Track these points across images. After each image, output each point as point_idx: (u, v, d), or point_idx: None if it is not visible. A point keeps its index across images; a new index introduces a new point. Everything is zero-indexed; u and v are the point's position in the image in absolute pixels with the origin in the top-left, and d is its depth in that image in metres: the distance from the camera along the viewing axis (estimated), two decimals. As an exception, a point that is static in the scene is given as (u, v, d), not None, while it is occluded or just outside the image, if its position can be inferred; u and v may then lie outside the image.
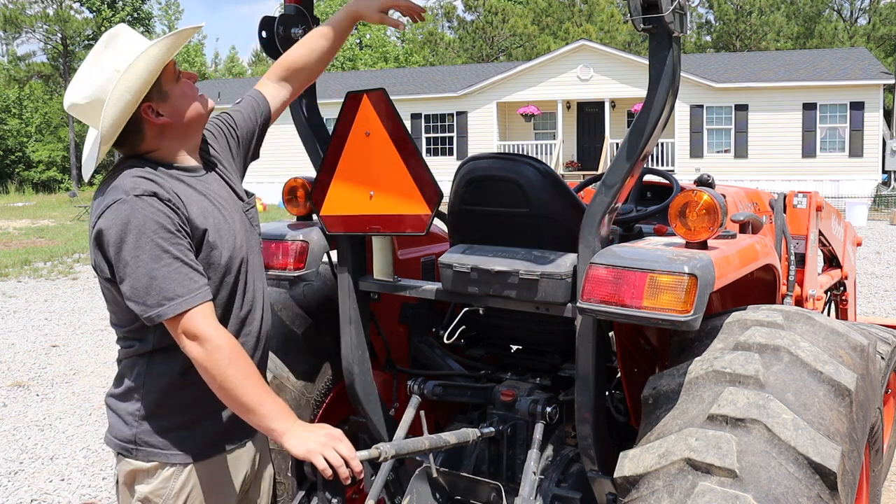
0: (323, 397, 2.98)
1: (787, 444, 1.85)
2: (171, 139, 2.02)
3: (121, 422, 2.06)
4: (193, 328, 1.86)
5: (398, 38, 56.29)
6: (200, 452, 2.06)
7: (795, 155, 26.18)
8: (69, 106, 1.96)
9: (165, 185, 1.94)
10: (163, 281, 1.85)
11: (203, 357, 1.87)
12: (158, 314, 1.86)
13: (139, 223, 1.86)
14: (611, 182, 2.19)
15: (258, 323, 2.18)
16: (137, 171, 1.95)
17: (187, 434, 2.05)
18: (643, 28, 2.03)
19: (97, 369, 7.29)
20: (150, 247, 1.85)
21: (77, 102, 1.94)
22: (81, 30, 46.27)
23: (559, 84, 28.03)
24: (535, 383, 2.74)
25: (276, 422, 1.89)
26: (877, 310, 9.29)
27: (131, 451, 2.04)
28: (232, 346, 1.89)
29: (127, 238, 1.86)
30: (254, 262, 2.17)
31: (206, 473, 2.08)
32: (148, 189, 1.89)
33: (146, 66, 1.90)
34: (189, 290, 1.87)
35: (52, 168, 47.70)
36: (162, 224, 1.87)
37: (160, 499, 2.05)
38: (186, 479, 2.05)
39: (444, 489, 2.61)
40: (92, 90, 1.92)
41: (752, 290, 2.68)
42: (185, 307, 1.86)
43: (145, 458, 2.04)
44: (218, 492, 2.11)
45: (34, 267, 13.94)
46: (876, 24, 45.37)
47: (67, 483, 4.74)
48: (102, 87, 1.90)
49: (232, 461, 2.15)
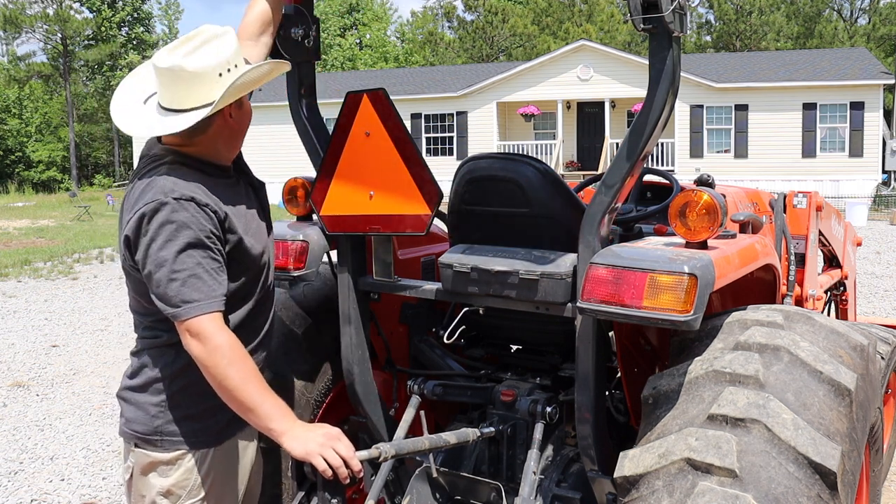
0: (323, 397, 2.98)
1: (787, 444, 1.85)
2: (225, 141, 2.14)
3: (141, 413, 2.10)
4: (197, 327, 1.91)
5: (398, 38, 56.37)
6: (217, 437, 2.12)
7: (795, 155, 26.19)
8: (170, 66, 1.98)
9: (204, 187, 2.03)
10: (182, 284, 1.92)
11: (204, 356, 1.91)
12: (174, 314, 1.93)
13: (173, 226, 1.93)
14: (611, 182, 2.19)
15: (271, 317, 2.33)
16: (178, 172, 2.02)
17: (208, 420, 2.10)
18: (643, 28, 2.03)
19: (97, 369, 7.29)
20: (178, 250, 1.93)
21: (185, 67, 1.98)
22: (81, 30, 46.29)
23: (559, 84, 28.04)
24: (535, 383, 2.74)
25: (275, 422, 1.90)
26: (877, 310, 9.29)
27: (154, 441, 2.09)
28: (233, 346, 1.92)
29: (157, 238, 1.93)
30: (271, 259, 2.32)
31: (223, 458, 2.14)
32: (186, 194, 1.97)
33: (258, 76, 2.08)
34: (207, 296, 1.93)
35: (52, 168, 47.73)
36: (193, 230, 1.95)
37: (184, 490, 2.09)
38: (209, 467, 2.11)
39: (444, 489, 2.61)
40: (212, 64, 2.00)
41: (752, 290, 2.68)
42: (197, 312, 1.92)
43: (168, 447, 2.08)
44: (234, 476, 2.18)
45: (34, 267, 13.95)
46: (876, 24, 45.37)
47: (67, 483, 4.74)
48: (217, 67, 2.00)
49: (242, 446, 2.21)
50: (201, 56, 1.99)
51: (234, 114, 2.11)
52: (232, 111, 2.10)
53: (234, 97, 2.05)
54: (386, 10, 58.84)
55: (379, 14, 57.74)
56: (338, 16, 55.07)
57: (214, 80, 2.00)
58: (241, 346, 1.95)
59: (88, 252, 15.90)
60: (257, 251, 2.16)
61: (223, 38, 2.04)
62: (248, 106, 2.20)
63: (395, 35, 58.97)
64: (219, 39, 2.03)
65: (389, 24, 58.82)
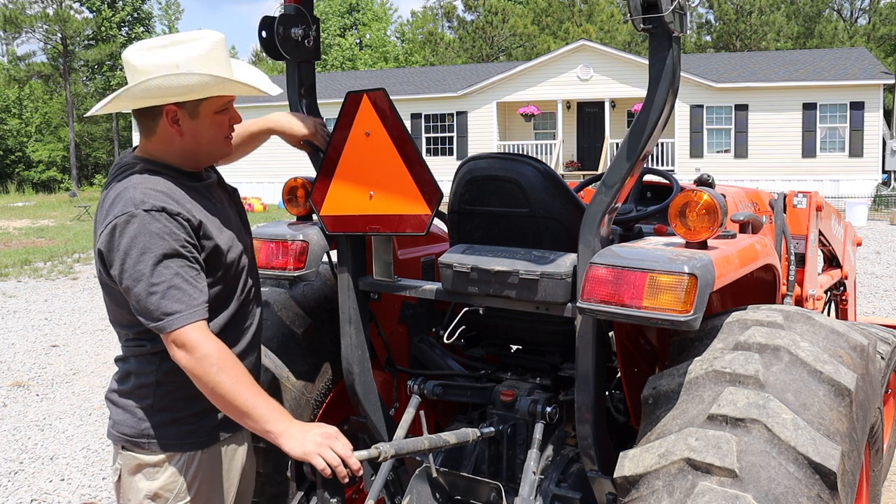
0: (323, 397, 2.98)
1: (787, 444, 1.85)
2: (175, 150, 2.07)
3: (129, 416, 2.09)
4: (182, 338, 1.91)
5: (398, 38, 56.35)
6: (205, 440, 2.11)
7: (795, 155, 26.19)
8: (126, 56, 2.00)
9: (174, 196, 1.99)
10: (162, 297, 1.90)
11: (193, 366, 1.90)
12: (158, 328, 1.92)
13: (146, 239, 1.91)
14: (611, 182, 2.19)
15: (258, 319, 2.27)
16: (148, 182, 1.99)
17: (194, 424, 2.09)
18: (643, 28, 2.03)
19: (97, 369, 7.29)
20: (153, 262, 1.90)
21: (129, 60, 1.99)
22: (81, 30, 46.27)
23: (559, 84, 28.04)
24: (535, 383, 2.74)
25: (271, 424, 1.90)
26: (877, 310, 9.29)
27: (142, 444, 2.08)
28: (220, 352, 1.92)
29: (131, 252, 1.91)
30: (251, 261, 2.26)
31: (210, 461, 2.13)
32: (157, 204, 1.94)
33: (194, 84, 1.96)
34: (188, 306, 1.92)
35: (52, 168, 47.73)
36: (167, 241, 1.92)
37: (171, 493, 2.08)
38: (197, 470, 2.10)
39: (443, 489, 2.61)
40: (153, 63, 1.96)
41: (752, 290, 2.68)
42: (181, 323, 1.91)
43: (155, 450, 2.07)
44: (222, 479, 2.17)
45: (34, 267, 13.94)
46: (876, 24, 45.37)
47: (67, 483, 4.74)
48: (156, 67, 1.95)
49: (231, 449, 2.20)
50: (153, 54, 1.97)
51: (182, 123, 2.02)
52: (180, 118, 2.02)
53: (124, 102, 1.98)
54: (386, 10, 58.84)
55: (379, 14, 57.74)
56: (338, 16, 55.07)
57: (141, 76, 1.96)
58: (229, 351, 1.95)
59: (88, 252, 15.89)
60: (234, 255, 2.13)
61: (189, 43, 1.99)
62: (214, 127, 2.08)
63: (395, 35, 58.99)
64: (186, 44, 1.99)
65: (389, 24, 58.83)
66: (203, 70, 1.96)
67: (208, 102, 2.04)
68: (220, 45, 2.03)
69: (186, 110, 2.02)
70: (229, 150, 2.19)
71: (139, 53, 1.98)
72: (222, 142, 2.13)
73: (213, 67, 1.98)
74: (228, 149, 2.18)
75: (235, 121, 2.16)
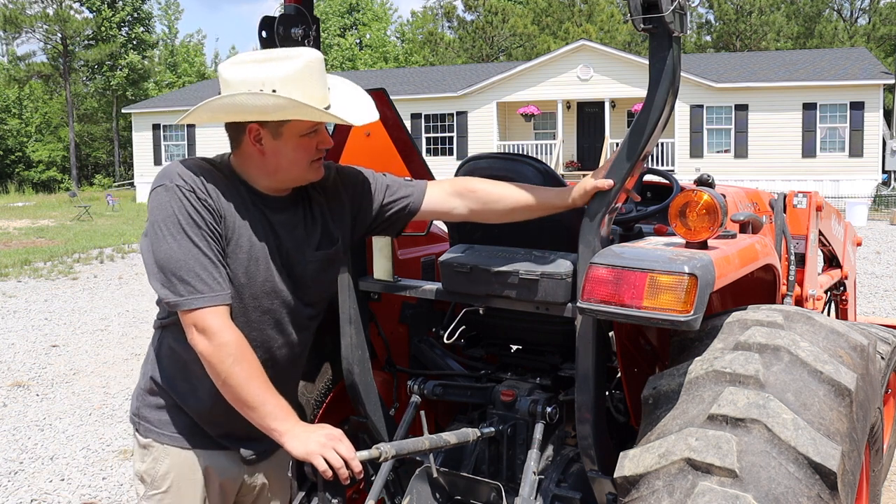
0: (323, 397, 2.98)
1: (787, 444, 1.85)
2: (255, 167, 2.02)
3: (134, 394, 2.18)
4: (203, 322, 1.89)
5: (398, 38, 56.37)
6: (176, 440, 2.10)
7: (795, 155, 26.19)
8: (220, 68, 1.97)
9: (211, 178, 1.96)
10: (187, 273, 1.88)
11: (210, 352, 1.89)
12: (177, 303, 1.89)
13: (170, 211, 1.90)
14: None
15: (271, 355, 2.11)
16: (195, 163, 1.99)
17: (172, 417, 2.09)
18: (643, 28, 2.03)
19: (97, 369, 7.29)
20: (179, 235, 1.89)
21: (221, 73, 1.95)
22: (81, 30, 46.28)
23: (559, 84, 28.04)
24: (535, 383, 2.74)
25: (276, 421, 1.90)
26: (877, 310, 9.29)
27: (136, 423, 2.14)
28: (239, 343, 1.91)
29: (158, 221, 1.92)
30: (281, 306, 2.09)
31: (182, 464, 2.11)
32: (189, 184, 1.93)
33: (269, 105, 1.89)
34: (212, 288, 1.90)
35: (52, 168, 47.73)
36: (192, 217, 1.91)
37: (150, 478, 2.11)
38: (170, 467, 2.10)
39: (444, 489, 2.61)
40: (240, 78, 1.91)
41: (752, 290, 2.68)
42: (203, 304, 1.88)
43: (143, 433, 2.12)
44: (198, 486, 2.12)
45: (34, 267, 13.95)
46: (876, 24, 45.38)
47: (67, 483, 4.74)
48: (242, 82, 1.90)
49: (216, 461, 2.14)
50: (244, 69, 1.92)
51: (265, 142, 1.96)
52: (263, 136, 1.96)
53: (203, 115, 1.96)
54: (386, 10, 58.85)
55: (379, 14, 57.75)
56: (338, 16, 55.09)
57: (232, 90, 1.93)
58: (247, 345, 1.93)
59: (88, 252, 15.90)
60: (250, 278, 2.01)
61: (282, 62, 1.91)
62: (297, 149, 1.98)
63: (395, 35, 58.98)
64: (278, 61, 1.91)
65: (389, 24, 58.84)
66: (284, 92, 1.87)
67: (292, 125, 1.95)
68: (312, 66, 1.93)
69: (269, 130, 1.96)
70: (316, 174, 2.06)
71: (232, 67, 1.94)
72: (306, 166, 2.02)
73: (297, 90, 1.89)
74: (315, 174, 2.06)
75: (325, 144, 2.04)
